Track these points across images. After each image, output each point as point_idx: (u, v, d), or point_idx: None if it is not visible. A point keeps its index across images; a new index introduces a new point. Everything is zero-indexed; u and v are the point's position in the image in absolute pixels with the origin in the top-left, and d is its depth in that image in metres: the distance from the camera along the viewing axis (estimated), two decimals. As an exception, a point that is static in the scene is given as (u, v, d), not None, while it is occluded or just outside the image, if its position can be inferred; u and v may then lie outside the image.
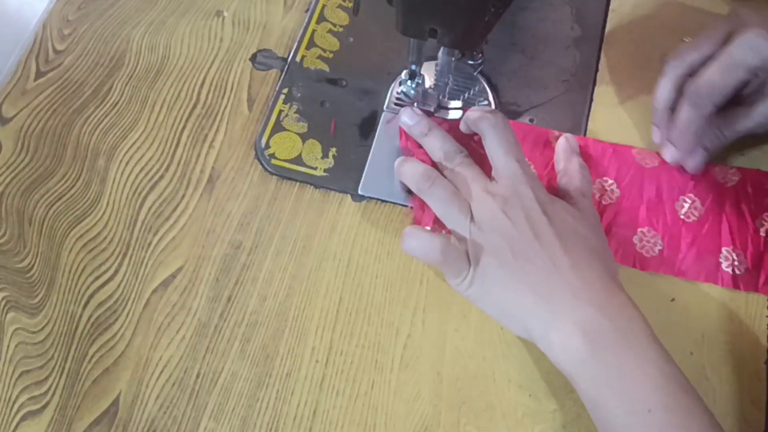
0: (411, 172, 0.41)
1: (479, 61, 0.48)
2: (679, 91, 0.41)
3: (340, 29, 0.51)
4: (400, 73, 0.47)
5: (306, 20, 0.51)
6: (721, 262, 0.41)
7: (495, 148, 0.40)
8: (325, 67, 0.49)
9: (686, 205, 0.43)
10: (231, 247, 0.43)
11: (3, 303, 0.41)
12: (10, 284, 0.42)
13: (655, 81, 0.44)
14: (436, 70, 0.45)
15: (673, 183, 0.44)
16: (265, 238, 0.43)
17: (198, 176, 0.45)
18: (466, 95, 0.47)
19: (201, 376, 0.40)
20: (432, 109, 0.45)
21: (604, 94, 0.47)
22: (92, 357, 0.40)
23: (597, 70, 0.48)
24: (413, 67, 0.43)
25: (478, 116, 0.41)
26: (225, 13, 0.52)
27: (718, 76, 0.38)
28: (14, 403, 0.39)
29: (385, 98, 0.47)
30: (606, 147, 0.45)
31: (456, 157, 0.41)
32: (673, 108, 0.42)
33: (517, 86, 0.48)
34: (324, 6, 0.51)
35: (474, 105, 0.47)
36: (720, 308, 0.40)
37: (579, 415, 0.38)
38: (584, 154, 0.44)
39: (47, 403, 0.39)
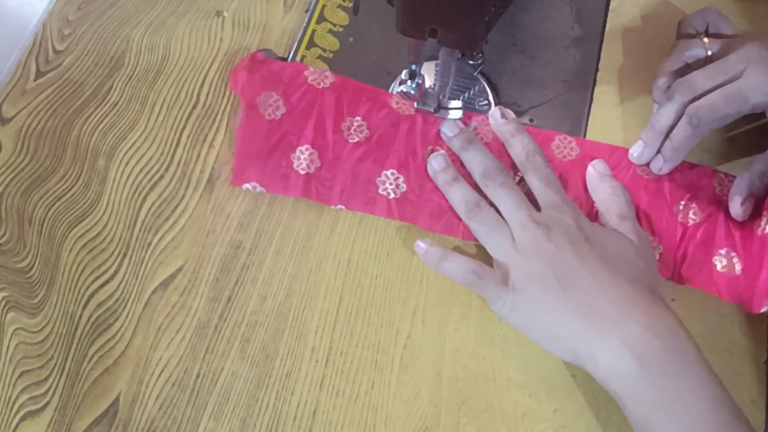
0: (459, 196, 0.41)
1: (479, 61, 0.48)
2: (680, 116, 0.41)
3: (340, 29, 0.51)
4: (400, 73, 0.47)
5: (306, 20, 0.51)
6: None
7: (535, 182, 0.41)
8: (325, 67, 0.49)
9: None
10: (231, 247, 0.43)
11: (3, 303, 0.41)
12: (10, 284, 0.42)
13: (653, 80, 0.44)
14: (436, 70, 0.45)
15: (503, 159, 0.44)
16: (265, 238, 0.43)
17: (198, 176, 0.45)
18: (466, 95, 0.47)
19: (201, 376, 0.40)
20: (432, 109, 0.45)
21: (604, 94, 0.47)
22: (92, 357, 0.40)
23: (597, 70, 0.48)
24: (413, 67, 0.43)
25: (517, 144, 0.42)
26: (225, 13, 0.52)
27: (722, 104, 0.39)
28: (14, 403, 0.39)
29: (385, 98, 0.47)
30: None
31: (497, 177, 0.41)
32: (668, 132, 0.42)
33: (517, 86, 0.48)
34: (324, 6, 0.51)
35: (474, 105, 0.47)
36: (720, 308, 0.40)
37: (579, 415, 0.38)
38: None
39: (47, 403, 0.39)
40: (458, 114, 0.46)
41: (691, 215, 0.42)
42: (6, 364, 0.40)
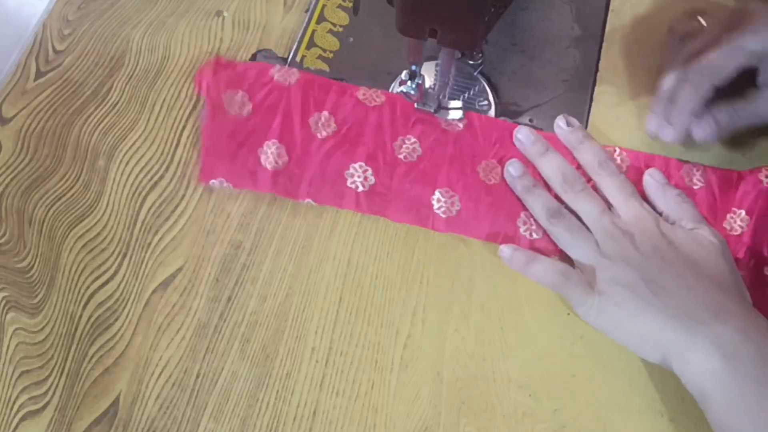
0: (541, 203, 0.41)
1: (479, 61, 0.48)
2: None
3: (340, 29, 0.51)
4: (400, 73, 0.47)
5: (306, 20, 0.51)
6: (519, 227, 0.42)
7: (611, 188, 0.41)
8: (325, 67, 0.49)
9: (488, 169, 0.44)
10: (231, 248, 0.43)
11: (3, 303, 0.41)
12: (10, 284, 0.42)
13: (655, 81, 0.44)
14: (436, 70, 0.45)
15: (476, 148, 0.45)
16: (265, 238, 0.43)
17: (198, 176, 0.45)
18: (466, 95, 0.47)
19: (201, 376, 0.40)
20: (432, 109, 0.45)
21: (604, 94, 0.47)
22: (92, 357, 0.40)
23: (597, 70, 0.48)
24: (413, 67, 0.43)
25: (588, 152, 0.43)
26: (225, 13, 0.52)
27: (721, 58, 0.39)
28: (14, 403, 0.39)
29: (385, 98, 0.47)
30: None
31: (577, 184, 0.42)
32: None
33: (517, 86, 0.48)
34: (324, 6, 0.51)
35: (474, 105, 0.47)
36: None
37: (579, 415, 0.38)
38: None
39: (47, 403, 0.39)
40: (458, 114, 0.46)
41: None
42: (6, 364, 0.40)
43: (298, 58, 0.49)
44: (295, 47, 0.50)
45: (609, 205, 0.41)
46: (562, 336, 0.40)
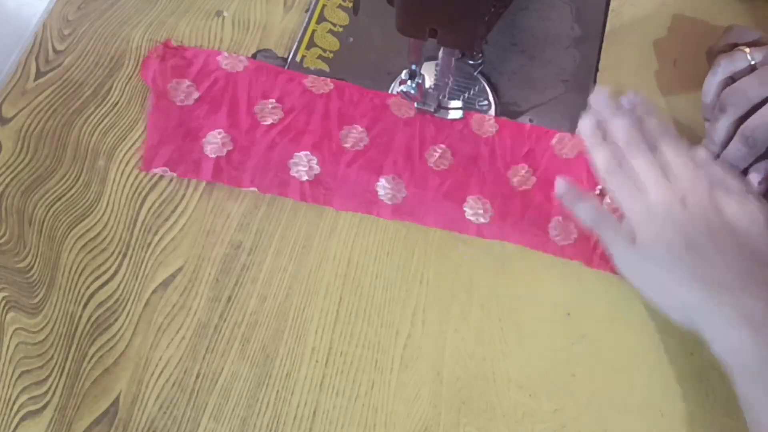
0: (604, 154, 0.41)
1: (479, 61, 0.48)
2: (735, 129, 0.40)
3: (340, 29, 0.51)
4: (400, 73, 0.47)
5: (306, 20, 0.51)
6: (465, 211, 0.42)
7: (670, 151, 0.40)
8: (325, 67, 0.49)
9: (436, 155, 0.44)
10: (231, 247, 0.43)
11: (3, 303, 0.41)
12: (10, 284, 0.42)
13: (654, 80, 0.44)
14: (436, 70, 0.45)
15: (425, 133, 0.45)
16: (265, 238, 0.43)
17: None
18: (466, 95, 0.47)
19: (201, 376, 0.40)
20: (432, 109, 0.45)
21: (604, 94, 0.47)
22: (92, 357, 0.40)
23: (597, 70, 0.48)
24: (413, 67, 0.43)
25: (650, 120, 0.42)
26: (225, 13, 0.52)
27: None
28: (14, 403, 0.39)
29: (385, 98, 0.47)
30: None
31: (641, 144, 0.41)
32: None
33: (517, 86, 0.48)
34: (324, 6, 0.51)
35: (474, 105, 0.47)
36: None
37: (579, 415, 0.38)
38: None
39: (47, 403, 0.39)
40: (458, 114, 0.46)
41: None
42: (6, 364, 0.40)
43: (298, 58, 0.49)
44: (295, 47, 0.50)
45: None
46: (562, 336, 0.40)
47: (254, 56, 0.49)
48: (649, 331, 0.40)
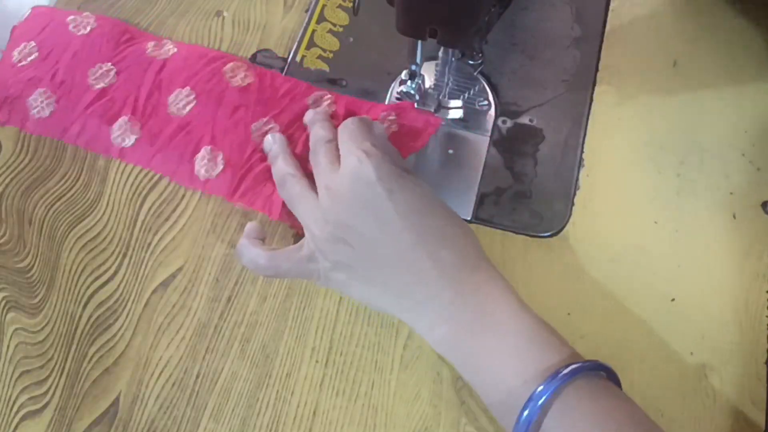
0: (275, 169, 0.41)
1: (479, 61, 0.48)
2: None
3: (340, 29, 0.51)
4: (400, 73, 0.47)
5: (306, 20, 0.51)
6: (112, 131, 0.44)
7: (345, 141, 0.37)
8: (325, 67, 0.49)
9: (181, 99, 0.45)
10: (231, 247, 0.43)
11: (3, 303, 0.41)
12: (10, 284, 0.42)
13: (654, 80, 0.44)
14: (436, 70, 0.45)
15: (173, 78, 0.46)
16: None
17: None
18: (466, 95, 0.47)
19: (201, 376, 0.40)
20: (432, 109, 0.45)
21: (604, 94, 0.47)
22: (92, 357, 0.40)
23: (597, 70, 0.48)
24: (413, 67, 0.43)
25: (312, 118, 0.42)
26: (225, 13, 0.52)
27: None
28: (14, 403, 0.39)
29: (385, 98, 0.47)
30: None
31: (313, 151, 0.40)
32: None
33: (517, 86, 0.48)
34: (324, 6, 0.51)
35: (474, 105, 0.47)
36: (720, 308, 0.40)
37: (579, 415, 0.38)
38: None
39: (47, 403, 0.39)
40: (458, 114, 0.46)
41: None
42: (6, 364, 0.40)
43: (298, 58, 0.49)
44: (295, 47, 0.50)
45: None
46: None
47: (254, 56, 0.49)
48: (649, 331, 0.40)
